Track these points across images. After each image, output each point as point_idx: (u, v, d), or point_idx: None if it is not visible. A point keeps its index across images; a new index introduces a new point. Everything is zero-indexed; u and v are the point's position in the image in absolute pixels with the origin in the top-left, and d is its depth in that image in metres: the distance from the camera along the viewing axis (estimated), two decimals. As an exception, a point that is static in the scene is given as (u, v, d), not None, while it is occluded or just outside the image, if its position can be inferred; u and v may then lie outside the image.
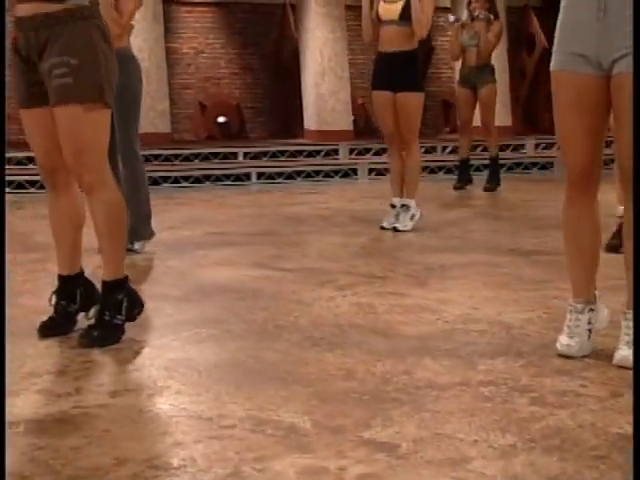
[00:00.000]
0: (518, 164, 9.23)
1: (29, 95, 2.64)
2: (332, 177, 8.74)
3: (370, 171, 8.88)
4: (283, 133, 11.18)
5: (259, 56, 12.18)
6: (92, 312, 2.72)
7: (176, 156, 8.93)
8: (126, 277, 2.76)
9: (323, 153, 9.26)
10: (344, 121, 9.98)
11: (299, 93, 10.87)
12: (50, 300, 2.85)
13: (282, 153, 9.20)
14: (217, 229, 5.17)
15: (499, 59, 10.22)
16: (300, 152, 9.21)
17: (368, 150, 9.39)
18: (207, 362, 2.49)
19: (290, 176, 8.62)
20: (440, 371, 2.37)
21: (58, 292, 2.83)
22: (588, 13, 2.31)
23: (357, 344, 2.65)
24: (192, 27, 11.92)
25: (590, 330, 2.49)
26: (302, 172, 8.68)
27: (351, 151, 9.36)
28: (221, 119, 11.66)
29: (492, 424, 1.96)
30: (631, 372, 2.30)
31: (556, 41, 2.45)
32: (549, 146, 9.99)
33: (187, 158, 8.95)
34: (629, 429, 1.92)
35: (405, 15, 4.81)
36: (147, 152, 8.50)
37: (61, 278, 2.84)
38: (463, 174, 7.33)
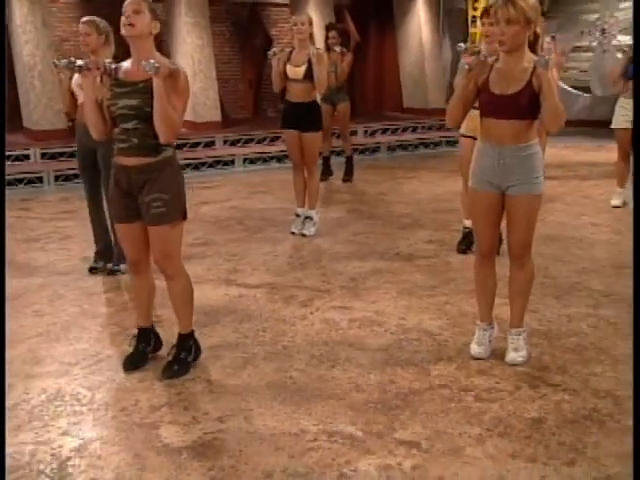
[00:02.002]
0: (354, 150, 10.09)
1: (126, 215, 3.22)
2: (213, 167, 9.21)
3: (244, 160, 9.50)
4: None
5: (122, 44, 12.12)
6: (172, 353, 3.38)
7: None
8: (193, 330, 3.42)
9: (202, 144, 9.70)
10: (213, 114, 10.44)
11: None
12: (130, 342, 3.48)
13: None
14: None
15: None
16: (184, 144, 9.56)
17: (239, 141, 9.94)
18: (260, 385, 3.23)
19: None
20: (411, 379, 3.28)
21: (138, 337, 3.47)
22: (492, 160, 3.25)
23: (347, 359, 3.49)
24: (57, 17, 11.63)
25: (490, 340, 3.52)
26: (189, 164, 9.09)
27: (224, 141, 9.87)
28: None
29: (462, 419, 2.92)
30: (520, 368, 3.35)
31: (473, 168, 3.37)
32: (373, 133, 11.03)
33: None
34: (535, 414, 2.95)
35: (307, 76, 5.51)
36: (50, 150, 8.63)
37: (140, 328, 3.49)
38: (325, 168, 8.18)
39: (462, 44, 4.87)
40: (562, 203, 6.84)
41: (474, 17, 12.86)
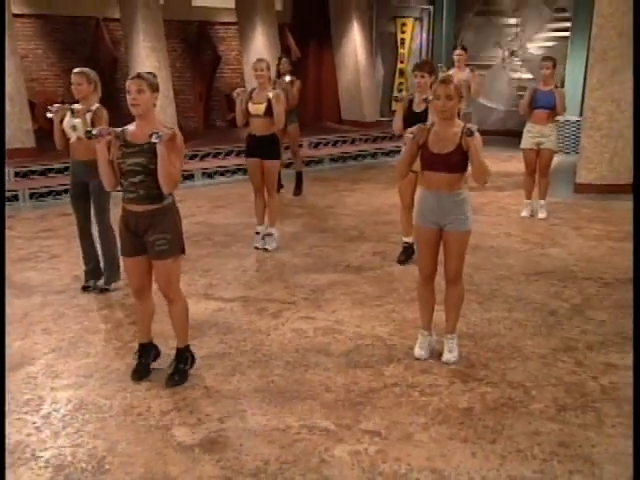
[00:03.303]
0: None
1: (133, 250, 3.68)
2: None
3: (202, 174, 9.89)
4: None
5: (77, 60, 12.28)
6: (172, 365, 3.85)
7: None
8: (188, 345, 3.89)
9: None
10: (172, 129, 10.73)
11: (116, 93, 11.51)
12: (134, 357, 3.94)
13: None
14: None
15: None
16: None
17: (196, 155, 10.30)
18: (249, 389, 3.74)
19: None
20: (369, 379, 3.85)
21: (140, 352, 3.93)
22: (433, 204, 3.86)
23: (316, 364, 4.04)
24: (16, 35, 11.69)
25: (429, 344, 4.13)
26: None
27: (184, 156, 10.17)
28: (49, 115, 11.78)
29: (411, 411, 3.51)
30: (453, 367, 3.97)
31: (417, 209, 3.98)
32: (317, 145, 11.54)
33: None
34: (466, 404, 3.57)
35: (267, 112, 6.01)
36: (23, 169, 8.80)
37: (142, 344, 3.95)
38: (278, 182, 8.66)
39: (398, 94, 5.51)
40: (482, 214, 7.54)
41: (402, 39, 13.59)
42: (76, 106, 5.05)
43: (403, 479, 2.95)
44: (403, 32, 13.49)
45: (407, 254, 5.90)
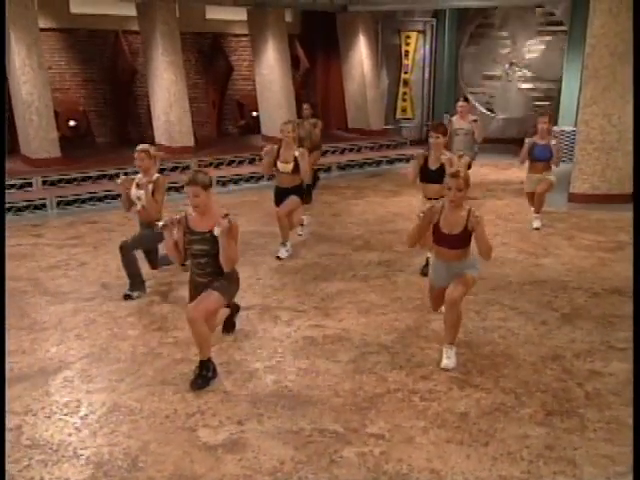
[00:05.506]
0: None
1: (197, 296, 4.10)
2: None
3: (217, 182, 10.12)
4: (129, 139, 11.84)
5: (98, 70, 12.55)
6: (196, 372, 4.11)
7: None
8: (210, 357, 4.15)
9: (179, 169, 10.28)
10: (187, 139, 11.03)
11: (134, 102, 11.78)
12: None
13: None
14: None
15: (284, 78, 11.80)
16: (163, 169, 10.10)
17: (211, 163, 10.55)
18: (264, 394, 3.99)
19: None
20: (374, 385, 4.10)
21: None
22: (443, 271, 4.24)
23: (326, 371, 4.28)
24: (42, 51, 11.94)
25: (449, 355, 4.38)
26: (170, 187, 9.64)
27: (199, 165, 10.45)
28: (72, 123, 12.10)
29: (412, 415, 3.75)
30: (451, 374, 4.21)
31: (431, 272, 4.39)
32: (325, 153, 11.74)
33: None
34: (463, 409, 3.81)
35: (294, 170, 6.46)
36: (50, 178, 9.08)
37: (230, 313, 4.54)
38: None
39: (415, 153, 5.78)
40: (480, 223, 7.73)
41: (407, 51, 13.80)
42: (139, 177, 5.53)
43: (405, 479, 3.20)
44: (407, 44, 13.69)
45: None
